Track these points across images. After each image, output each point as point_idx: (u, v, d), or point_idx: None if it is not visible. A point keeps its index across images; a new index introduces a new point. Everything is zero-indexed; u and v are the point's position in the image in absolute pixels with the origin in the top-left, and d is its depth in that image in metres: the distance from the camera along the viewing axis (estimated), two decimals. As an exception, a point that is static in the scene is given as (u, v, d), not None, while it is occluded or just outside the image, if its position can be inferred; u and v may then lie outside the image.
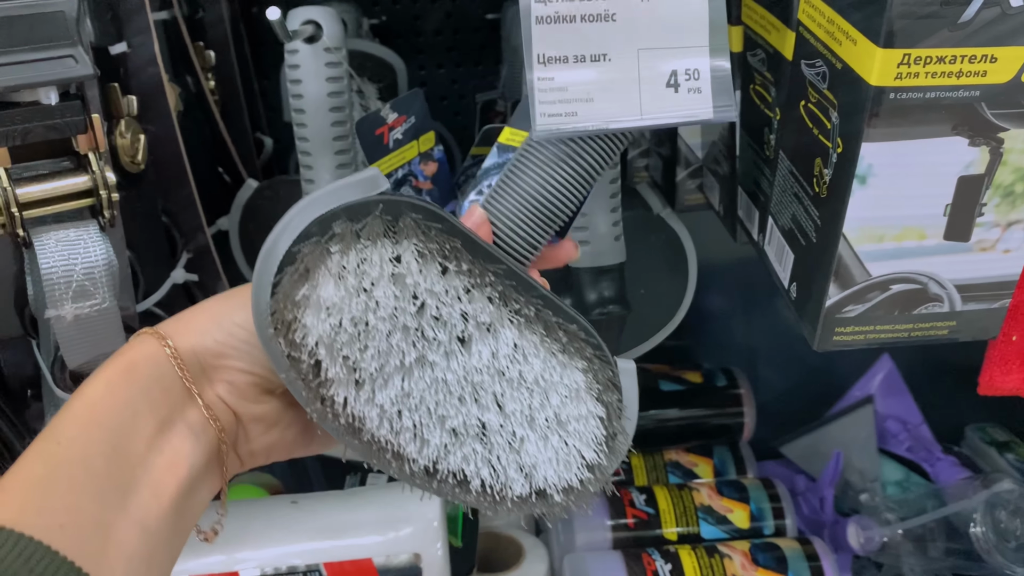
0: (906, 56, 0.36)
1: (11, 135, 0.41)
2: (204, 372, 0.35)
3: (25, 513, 0.29)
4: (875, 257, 0.42)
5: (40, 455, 0.31)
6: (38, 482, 0.31)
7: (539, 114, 0.35)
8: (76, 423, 0.32)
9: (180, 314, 0.37)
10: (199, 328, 0.36)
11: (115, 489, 0.31)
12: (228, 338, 0.35)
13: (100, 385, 0.33)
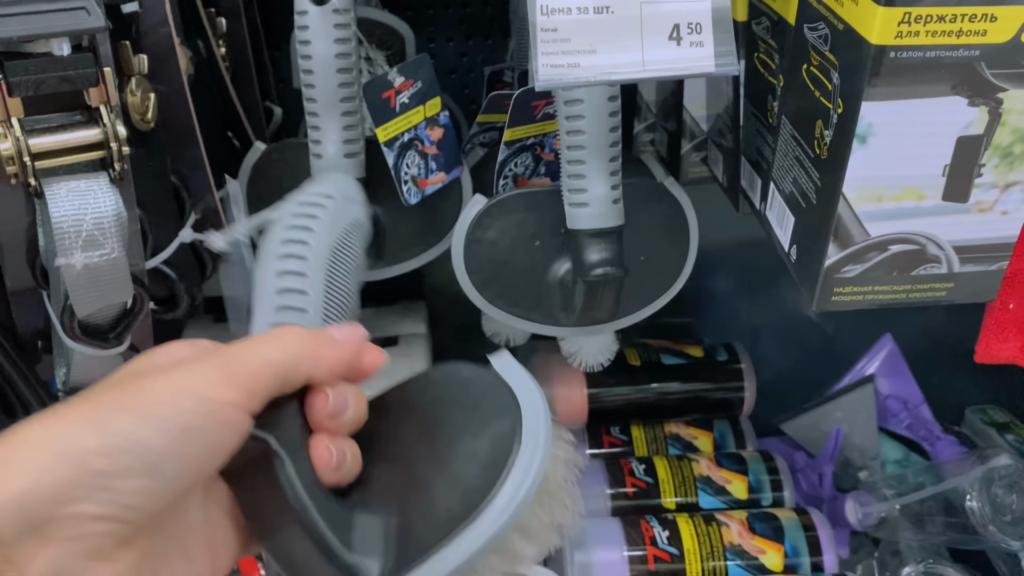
0: (907, 15, 0.37)
1: (24, 85, 0.41)
2: (34, 530, 0.26)
3: None
4: (874, 217, 0.42)
5: None
6: None
7: (541, 64, 0.36)
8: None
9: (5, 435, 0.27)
10: (32, 465, 0.26)
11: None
12: (79, 472, 0.26)
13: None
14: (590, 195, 0.50)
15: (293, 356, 0.31)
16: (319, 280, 0.37)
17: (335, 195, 0.39)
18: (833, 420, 0.88)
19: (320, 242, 0.38)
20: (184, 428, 0.28)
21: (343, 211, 0.39)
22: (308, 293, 0.36)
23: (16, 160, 0.42)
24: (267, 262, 0.38)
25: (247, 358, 0.31)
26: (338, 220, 0.39)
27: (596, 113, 0.49)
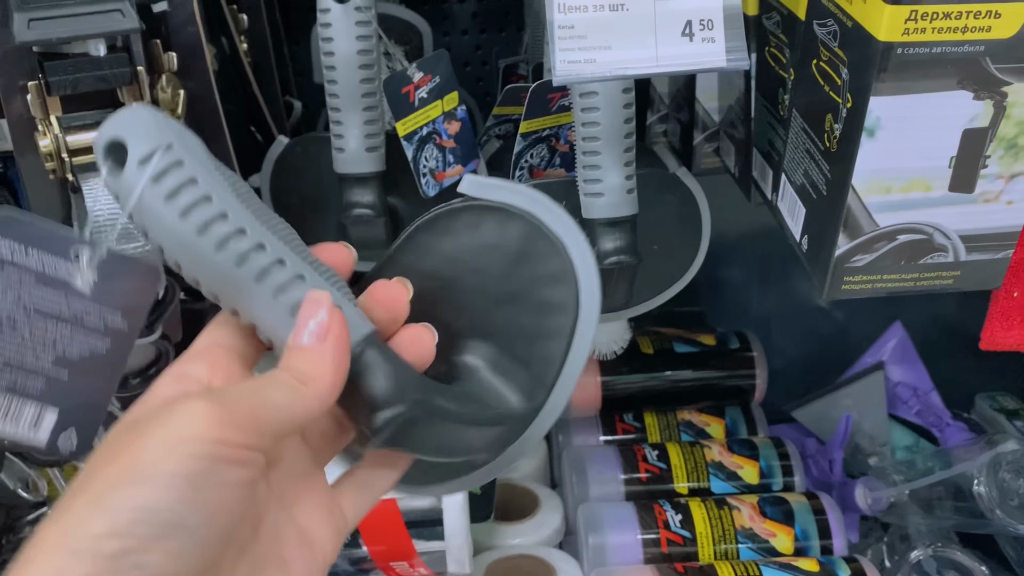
0: (913, 12, 0.38)
1: (62, 84, 0.43)
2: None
3: None
4: (882, 208, 0.44)
5: None
6: None
7: (559, 60, 0.37)
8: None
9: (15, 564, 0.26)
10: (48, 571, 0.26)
11: None
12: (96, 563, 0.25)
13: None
14: (605, 185, 0.52)
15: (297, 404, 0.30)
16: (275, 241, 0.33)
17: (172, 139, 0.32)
18: (843, 407, 0.90)
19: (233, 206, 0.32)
20: (188, 477, 0.27)
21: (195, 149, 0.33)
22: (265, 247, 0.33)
23: (55, 156, 0.44)
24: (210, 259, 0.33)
25: (257, 402, 0.29)
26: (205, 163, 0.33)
27: (611, 106, 0.50)
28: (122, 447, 0.27)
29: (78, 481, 0.27)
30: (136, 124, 0.32)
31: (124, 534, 0.26)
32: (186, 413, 0.28)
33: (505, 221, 0.36)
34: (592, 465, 0.77)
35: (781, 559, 0.68)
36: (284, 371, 0.31)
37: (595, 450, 0.79)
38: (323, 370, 0.31)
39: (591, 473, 0.76)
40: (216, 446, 0.27)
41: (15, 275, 0.35)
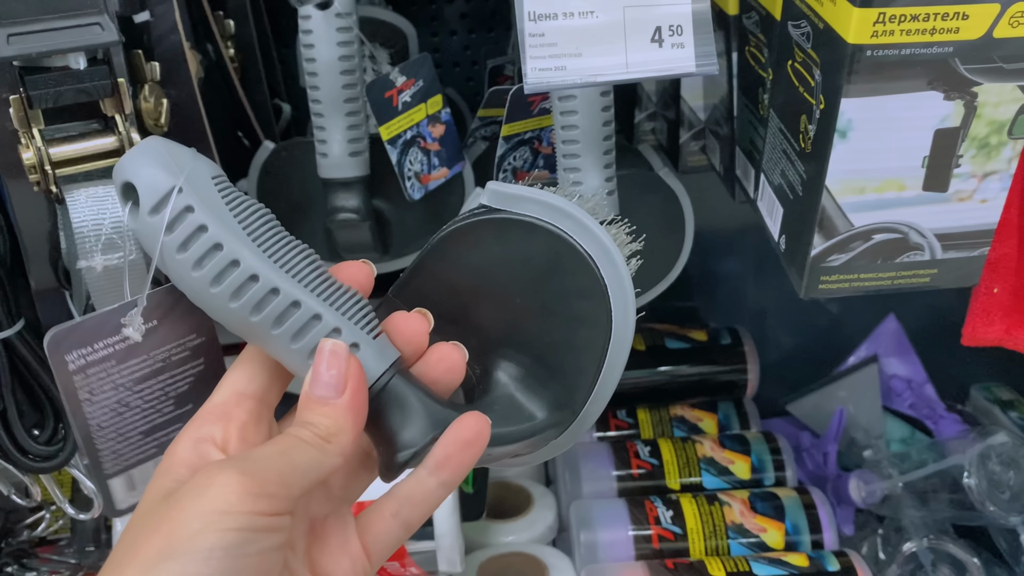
0: (881, 15, 0.38)
1: (44, 98, 0.44)
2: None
3: None
4: (857, 208, 0.44)
5: None
6: None
7: (530, 68, 0.38)
8: None
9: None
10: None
11: None
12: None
13: None
14: (585, 187, 0.52)
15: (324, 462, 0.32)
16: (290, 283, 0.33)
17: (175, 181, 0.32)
18: (837, 400, 0.90)
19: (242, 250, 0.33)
20: (227, 548, 0.28)
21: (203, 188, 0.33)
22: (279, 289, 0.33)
23: (38, 168, 0.45)
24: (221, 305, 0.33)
25: (283, 466, 0.31)
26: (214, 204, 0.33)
27: (589, 109, 0.51)
28: (160, 521, 0.29)
29: (120, 552, 0.29)
30: (146, 166, 0.32)
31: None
32: (219, 486, 0.29)
33: (531, 234, 0.35)
34: (585, 462, 0.77)
35: (771, 554, 0.69)
36: (305, 428, 0.32)
37: (588, 447, 0.80)
38: (344, 425, 0.32)
39: (584, 470, 0.77)
40: (250, 518, 0.29)
41: (99, 371, 0.38)
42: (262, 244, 0.33)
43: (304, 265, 0.34)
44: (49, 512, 0.76)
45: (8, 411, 0.53)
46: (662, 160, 0.63)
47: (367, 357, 0.34)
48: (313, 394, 0.32)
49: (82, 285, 0.49)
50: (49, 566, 0.74)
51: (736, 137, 0.59)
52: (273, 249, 0.33)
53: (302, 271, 0.34)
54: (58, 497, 0.60)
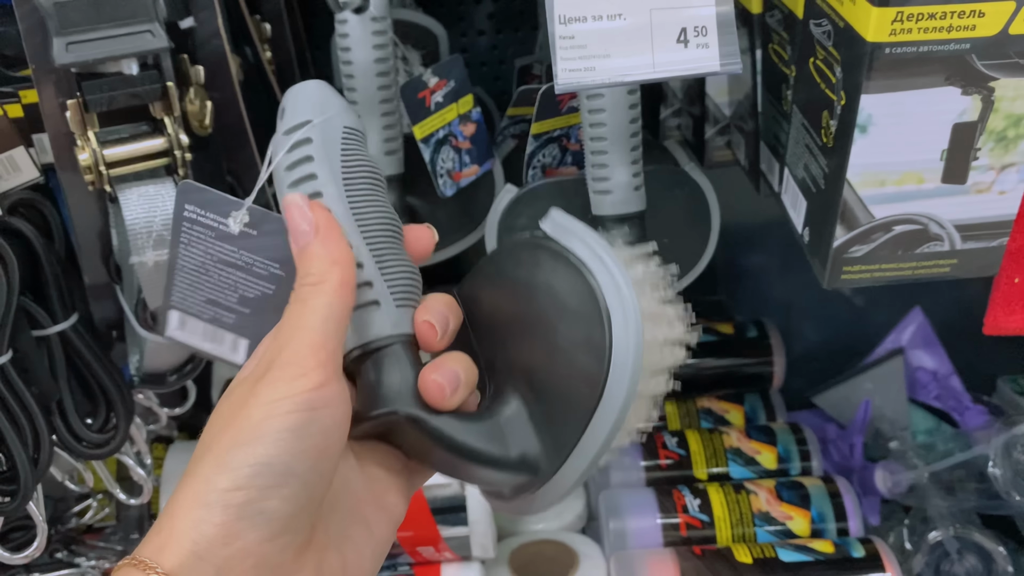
0: (899, 13, 0.40)
1: (99, 102, 0.46)
2: (221, 572, 0.30)
3: None
4: (878, 200, 0.45)
5: None
6: None
7: (561, 69, 0.40)
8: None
9: (159, 520, 0.31)
10: (189, 523, 0.30)
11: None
12: (226, 511, 0.30)
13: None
14: (613, 183, 0.54)
15: (337, 302, 0.33)
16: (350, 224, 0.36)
17: (314, 117, 0.37)
18: (863, 392, 0.91)
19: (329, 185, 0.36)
20: (292, 430, 0.31)
21: (330, 130, 0.37)
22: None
23: (93, 169, 0.47)
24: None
25: (303, 336, 0.33)
26: (330, 145, 0.37)
27: (617, 107, 0.52)
28: (228, 421, 0.32)
29: (200, 447, 0.32)
30: (299, 97, 0.37)
31: (246, 486, 0.30)
32: (268, 381, 0.32)
33: (567, 273, 0.35)
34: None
35: (797, 541, 0.70)
36: (301, 287, 0.34)
37: (616, 438, 0.81)
38: (332, 256, 0.34)
39: (612, 461, 0.78)
40: (304, 397, 0.31)
41: (200, 231, 0.43)
42: (349, 191, 0.36)
43: (376, 222, 0.36)
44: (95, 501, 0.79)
45: (64, 400, 0.55)
46: (688, 155, 0.65)
47: (379, 317, 0.35)
48: (295, 247, 0.35)
49: (134, 279, 0.51)
50: (96, 552, 0.77)
51: (760, 132, 0.60)
52: (356, 198, 0.36)
53: (371, 224, 0.36)
54: (109, 482, 0.63)
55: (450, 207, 0.64)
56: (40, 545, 0.57)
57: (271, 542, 0.31)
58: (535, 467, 0.35)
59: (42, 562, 0.72)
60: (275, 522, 0.30)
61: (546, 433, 0.35)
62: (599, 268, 0.34)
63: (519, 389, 0.36)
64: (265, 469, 0.30)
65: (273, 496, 0.30)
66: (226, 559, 0.30)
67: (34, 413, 0.53)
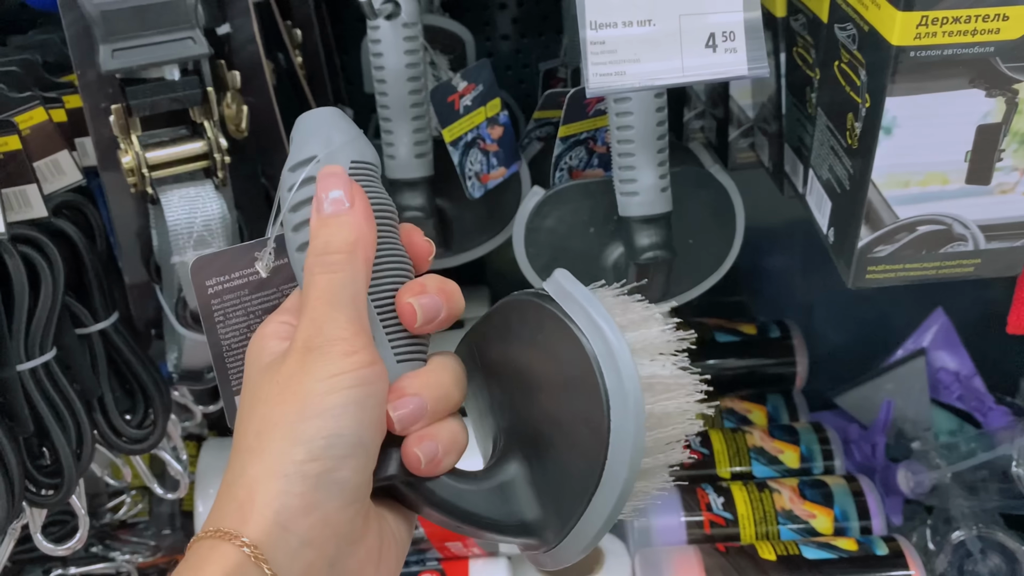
0: (924, 18, 0.40)
1: (143, 107, 0.48)
2: (305, 542, 0.31)
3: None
4: (902, 201, 0.46)
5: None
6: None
7: (592, 74, 0.41)
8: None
9: (228, 493, 0.32)
10: (270, 495, 0.31)
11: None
12: (304, 482, 0.31)
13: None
14: (639, 184, 0.55)
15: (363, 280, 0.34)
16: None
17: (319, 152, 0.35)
18: (885, 392, 0.91)
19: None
20: (356, 402, 0.32)
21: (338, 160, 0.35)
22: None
23: (136, 171, 0.49)
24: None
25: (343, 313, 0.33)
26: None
27: (644, 110, 0.53)
28: (285, 394, 0.32)
29: (263, 431, 0.32)
30: (306, 130, 0.36)
31: (321, 457, 0.31)
32: (322, 358, 0.32)
33: (569, 340, 0.33)
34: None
35: (820, 538, 0.71)
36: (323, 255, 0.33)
37: (639, 437, 0.82)
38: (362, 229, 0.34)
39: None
40: (359, 373, 0.32)
41: (232, 298, 0.41)
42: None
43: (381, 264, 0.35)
44: (129, 496, 0.81)
45: (105, 397, 0.57)
46: (712, 157, 0.66)
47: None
48: (323, 212, 0.34)
49: (173, 279, 0.53)
50: (130, 547, 0.79)
51: (784, 134, 0.61)
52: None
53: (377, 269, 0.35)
54: (147, 477, 0.64)
55: (478, 209, 0.65)
56: (82, 537, 0.58)
57: (345, 509, 0.32)
58: (538, 532, 0.34)
59: (78, 555, 0.74)
60: (348, 491, 0.32)
61: (548, 501, 0.34)
62: (599, 343, 0.32)
63: (522, 450, 0.35)
64: (337, 440, 0.31)
65: (346, 466, 0.31)
66: (308, 528, 0.31)
67: (77, 409, 0.55)
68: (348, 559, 0.32)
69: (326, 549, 0.31)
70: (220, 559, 0.30)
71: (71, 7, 0.47)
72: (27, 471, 0.53)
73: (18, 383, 0.52)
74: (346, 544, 0.32)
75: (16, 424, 0.53)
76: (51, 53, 0.59)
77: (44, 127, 0.53)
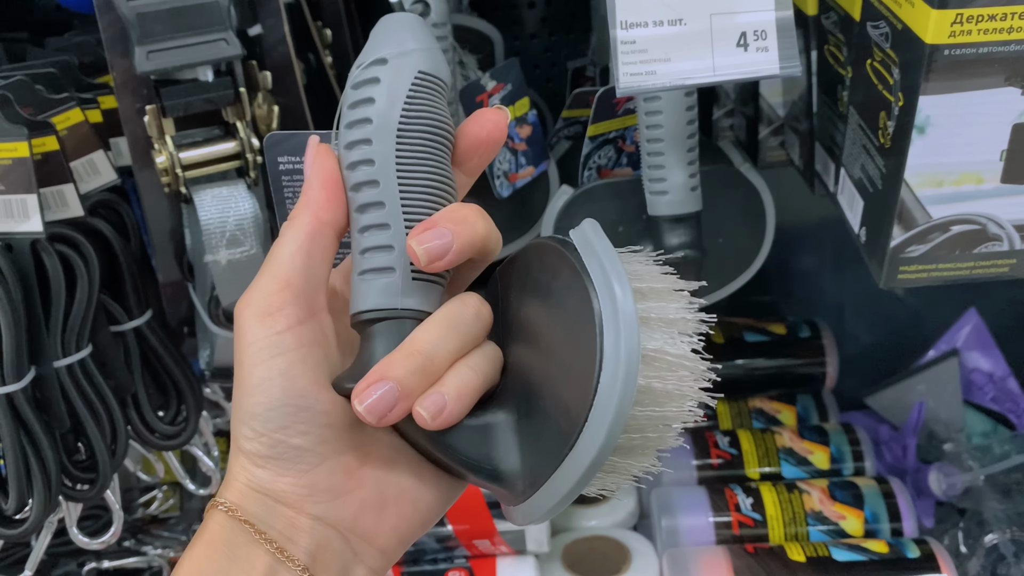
0: (959, 16, 0.40)
1: (177, 107, 0.48)
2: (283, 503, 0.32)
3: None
4: (935, 200, 0.46)
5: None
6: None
7: (622, 73, 0.41)
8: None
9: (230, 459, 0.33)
10: (236, 471, 0.32)
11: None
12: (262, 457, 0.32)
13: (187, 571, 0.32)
14: (669, 183, 0.55)
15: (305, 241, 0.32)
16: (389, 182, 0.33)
17: (388, 55, 0.33)
18: (917, 393, 0.90)
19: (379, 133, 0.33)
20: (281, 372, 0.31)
21: (401, 72, 0.33)
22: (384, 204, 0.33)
23: (170, 171, 0.50)
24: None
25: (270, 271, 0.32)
26: (396, 90, 0.33)
27: (674, 109, 0.53)
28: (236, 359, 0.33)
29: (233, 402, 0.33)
30: (382, 30, 0.34)
31: (265, 432, 0.31)
32: (242, 324, 0.32)
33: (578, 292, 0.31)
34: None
35: (850, 540, 0.70)
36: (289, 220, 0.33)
37: (667, 436, 0.82)
38: (304, 199, 0.33)
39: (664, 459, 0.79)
40: (276, 338, 0.31)
41: (301, 179, 0.40)
42: (401, 145, 0.33)
43: (421, 184, 0.33)
44: (161, 492, 0.82)
45: (138, 393, 0.58)
46: (742, 156, 0.66)
47: (388, 285, 0.33)
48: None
49: (206, 277, 0.53)
50: (161, 541, 0.80)
51: (815, 132, 0.61)
52: (406, 155, 0.33)
53: (414, 186, 0.33)
54: (179, 472, 0.65)
55: (506, 208, 0.65)
56: (116, 531, 0.59)
57: (315, 471, 0.32)
58: (510, 484, 0.33)
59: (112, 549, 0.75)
60: (308, 454, 0.32)
61: (526, 454, 0.33)
62: (607, 301, 0.30)
63: (514, 398, 0.34)
64: (273, 414, 0.31)
65: (295, 433, 0.32)
66: (280, 491, 0.32)
67: (112, 405, 0.55)
68: (336, 512, 0.32)
69: (304, 506, 0.32)
70: (212, 523, 0.32)
71: (107, 9, 0.48)
72: (63, 466, 0.54)
73: (55, 379, 0.53)
74: (328, 499, 0.32)
75: (53, 419, 0.54)
76: (87, 54, 0.60)
77: (80, 128, 0.54)
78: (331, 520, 0.32)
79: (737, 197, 0.62)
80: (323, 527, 0.32)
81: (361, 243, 0.33)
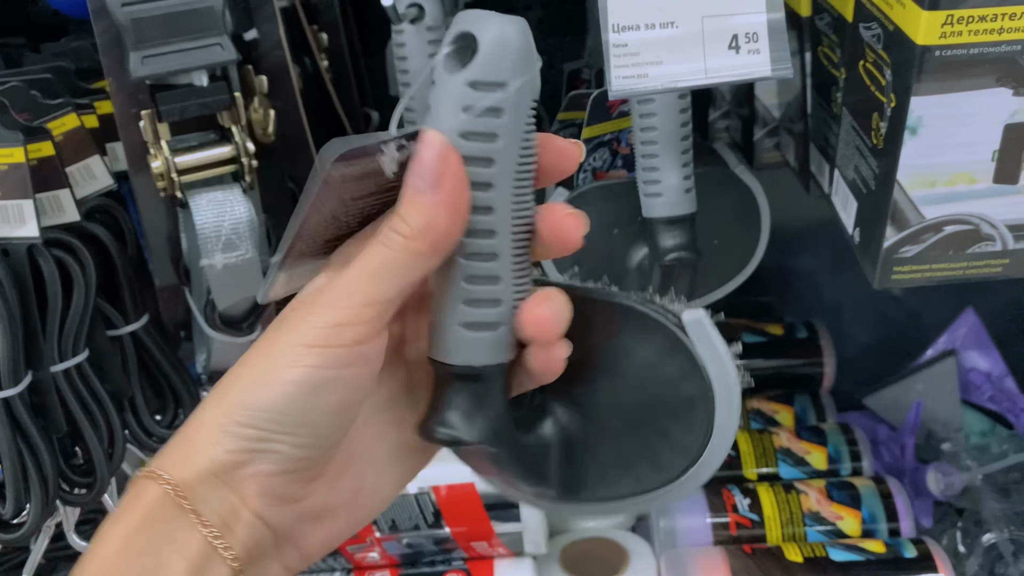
0: (949, 17, 0.40)
1: (172, 112, 0.49)
2: (232, 490, 0.31)
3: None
4: (928, 201, 0.46)
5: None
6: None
7: (614, 76, 0.41)
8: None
9: (183, 430, 0.32)
10: (208, 444, 0.31)
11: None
12: (240, 442, 0.31)
13: (116, 541, 0.30)
14: (663, 185, 0.55)
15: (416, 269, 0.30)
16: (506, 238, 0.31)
17: (510, 79, 0.29)
18: (915, 394, 0.90)
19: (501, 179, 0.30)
20: (313, 385, 0.30)
21: (522, 102, 0.30)
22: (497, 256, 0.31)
23: (165, 176, 0.50)
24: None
25: (360, 283, 0.30)
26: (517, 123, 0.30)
27: (667, 111, 0.53)
28: (259, 349, 0.31)
29: (229, 376, 0.32)
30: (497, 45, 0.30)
31: (259, 427, 0.30)
32: (309, 321, 0.30)
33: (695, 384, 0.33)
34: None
35: (848, 540, 0.70)
36: (393, 229, 0.30)
37: (665, 438, 0.82)
38: (434, 221, 0.29)
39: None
40: (336, 352, 0.30)
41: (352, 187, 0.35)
42: (517, 189, 0.31)
43: (525, 228, 0.32)
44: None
45: (136, 397, 0.58)
46: (737, 157, 0.66)
47: (494, 343, 0.32)
48: (411, 184, 0.30)
49: (203, 281, 0.53)
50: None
51: (810, 134, 0.61)
52: (520, 199, 0.31)
53: (521, 231, 0.31)
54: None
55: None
56: (113, 535, 0.59)
57: (278, 476, 0.31)
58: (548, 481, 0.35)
59: (111, 553, 0.75)
60: (284, 461, 0.31)
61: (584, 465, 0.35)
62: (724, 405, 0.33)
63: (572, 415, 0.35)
64: (279, 417, 0.30)
65: (284, 440, 0.31)
66: (238, 480, 0.31)
67: (109, 409, 0.56)
68: (279, 516, 0.32)
69: (253, 503, 0.31)
70: (150, 496, 0.30)
71: (103, 15, 0.48)
72: (61, 470, 0.54)
73: (52, 384, 0.53)
74: (278, 504, 0.32)
75: (50, 424, 0.54)
76: (84, 60, 0.60)
77: (76, 133, 0.54)
78: (272, 521, 0.32)
79: (732, 199, 0.62)
80: (262, 525, 0.32)
81: (466, 293, 0.31)
